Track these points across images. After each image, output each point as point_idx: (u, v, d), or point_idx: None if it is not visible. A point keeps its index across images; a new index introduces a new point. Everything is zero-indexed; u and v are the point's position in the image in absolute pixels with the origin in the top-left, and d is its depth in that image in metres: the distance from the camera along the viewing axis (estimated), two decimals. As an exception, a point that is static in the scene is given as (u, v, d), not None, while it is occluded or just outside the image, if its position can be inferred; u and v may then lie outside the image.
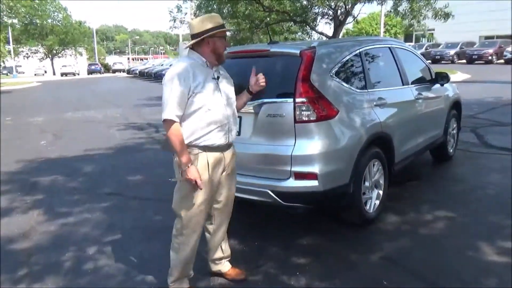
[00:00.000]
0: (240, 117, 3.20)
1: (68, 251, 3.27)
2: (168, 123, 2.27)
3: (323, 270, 2.82)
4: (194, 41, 2.37)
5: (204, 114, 2.33)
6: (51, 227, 3.78)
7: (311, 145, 2.94)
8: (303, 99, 2.93)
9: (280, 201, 3.00)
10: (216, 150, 2.41)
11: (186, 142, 2.32)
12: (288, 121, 2.96)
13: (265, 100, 3.04)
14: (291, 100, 2.95)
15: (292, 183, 2.95)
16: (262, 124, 3.08)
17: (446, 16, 13.33)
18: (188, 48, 2.45)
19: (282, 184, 2.97)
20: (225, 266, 2.79)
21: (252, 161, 3.10)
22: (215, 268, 2.79)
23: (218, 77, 2.44)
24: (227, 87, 2.50)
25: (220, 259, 2.77)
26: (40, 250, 3.32)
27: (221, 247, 2.75)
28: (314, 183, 2.93)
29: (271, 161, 3.03)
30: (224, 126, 2.41)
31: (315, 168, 2.92)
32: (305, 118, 2.93)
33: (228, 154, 2.51)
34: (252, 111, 3.09)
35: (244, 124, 3.18)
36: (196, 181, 2.29)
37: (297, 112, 2.93)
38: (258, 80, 2.64)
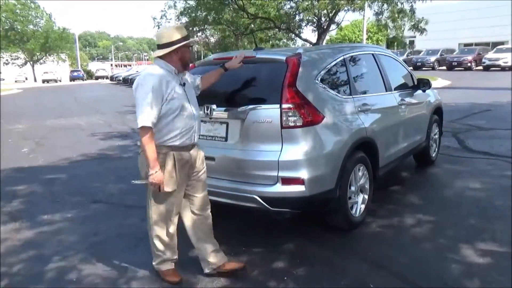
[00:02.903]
0: (227, 123, 3.22)
1: (52, 261, 3.19)
2: (146, 129, 2.41)
3: (310, 274, 2.84)
4: (168, 49, 2.53)
5: (176, 118, 2.52)
6: (34, 236, 3.70)
7: (298, 150, 2.96)
8: (290, 105, 2.95)
9: (267, 206, 3.01)
10: (182, 150, 2.60)
11: (156, 142, 2.48)
12: (274, 126, 2.98)
13: (252, 106, 3.06)
14: (277, 106, 2.97)
15: (279, 189, 2.97)
16: (249, 130, 3.09)
17: (423, 30, 15.33)
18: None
19: (269, 190, 2.98)
20: (223, 258, 2.88)
21: (239, 167, 3.11)
22: (212, 260, 2.83)
23: (184, 84, 2.65)
24: (191, 92, 2.74)
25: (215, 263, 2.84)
26: (22, 260, 3.24)
27: (213, 254, 2.83)
28: (300, 188, 2.95)
29: (258, 167, 3.04)
30: (191, 128, 2.62)
31: (302, 173, 2.95)
32: (291, 124, 2.96)
33: (193, 152, 2.68)
34: (239, 117, 3.11)
35: (231, 130, 3.18)
36: (160, 185, 2.48)
37: (284, 118, 2.95)
38: (237, 59, 3.03)
